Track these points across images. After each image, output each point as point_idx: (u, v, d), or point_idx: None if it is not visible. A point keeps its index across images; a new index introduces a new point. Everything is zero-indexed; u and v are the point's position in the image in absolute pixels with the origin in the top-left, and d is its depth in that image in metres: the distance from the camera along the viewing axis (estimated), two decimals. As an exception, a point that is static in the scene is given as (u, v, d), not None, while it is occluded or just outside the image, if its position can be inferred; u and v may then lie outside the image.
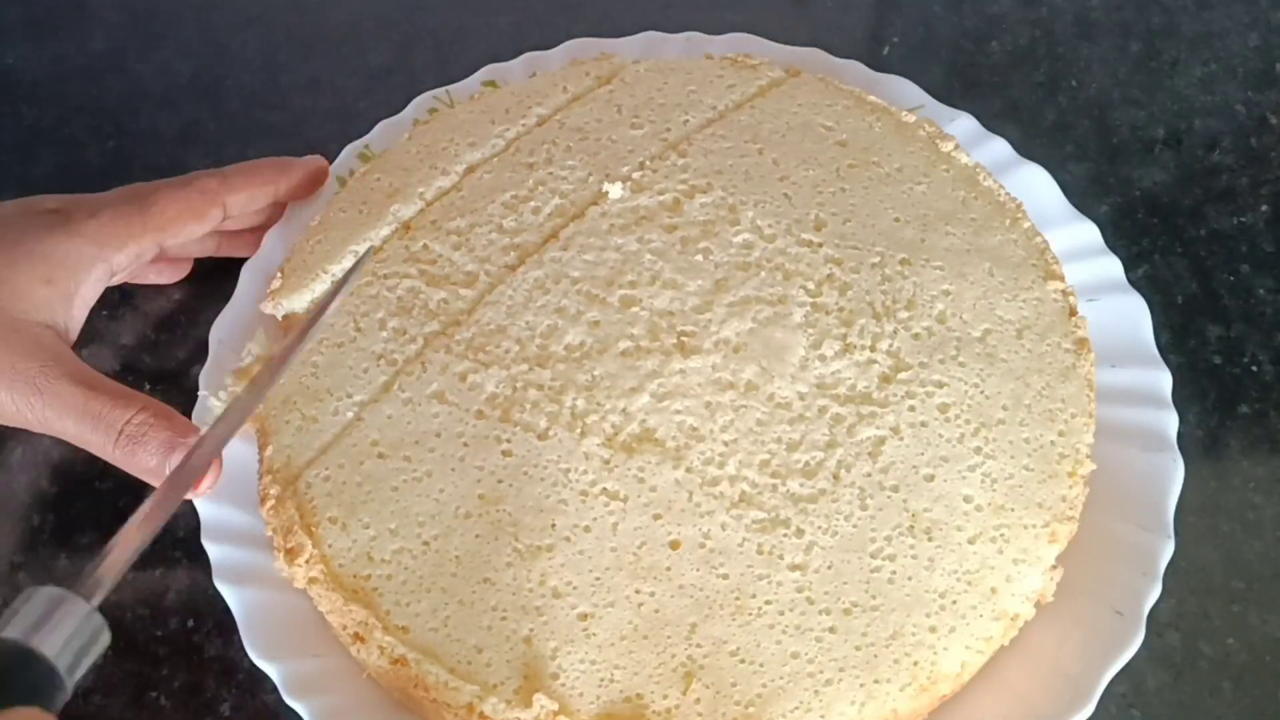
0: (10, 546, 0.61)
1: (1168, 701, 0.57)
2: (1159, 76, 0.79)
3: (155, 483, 0.56)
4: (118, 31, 0.83)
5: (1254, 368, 0.67)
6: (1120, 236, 0.71)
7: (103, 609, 0.60)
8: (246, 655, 0.54)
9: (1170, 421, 0.58)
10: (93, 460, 0.60)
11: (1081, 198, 0.72)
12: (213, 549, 0.56)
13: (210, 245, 0.68)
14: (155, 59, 0.82)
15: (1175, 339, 0.68)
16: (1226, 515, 0.61)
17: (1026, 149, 0.67)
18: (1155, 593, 0.53)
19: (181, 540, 0.61)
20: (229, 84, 0.80)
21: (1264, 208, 0.73)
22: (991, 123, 0.68)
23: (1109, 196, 0.73)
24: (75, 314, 0.60)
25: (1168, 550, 0.54)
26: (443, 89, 0.70)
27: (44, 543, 0.62)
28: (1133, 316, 0.62)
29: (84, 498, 0.62)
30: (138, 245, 0.61)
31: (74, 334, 0.60)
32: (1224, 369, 0.67)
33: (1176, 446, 0.57)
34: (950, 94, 0.73)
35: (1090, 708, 0.51)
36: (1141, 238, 0.72)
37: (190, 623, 0.59)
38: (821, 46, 0.71)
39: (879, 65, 0.70)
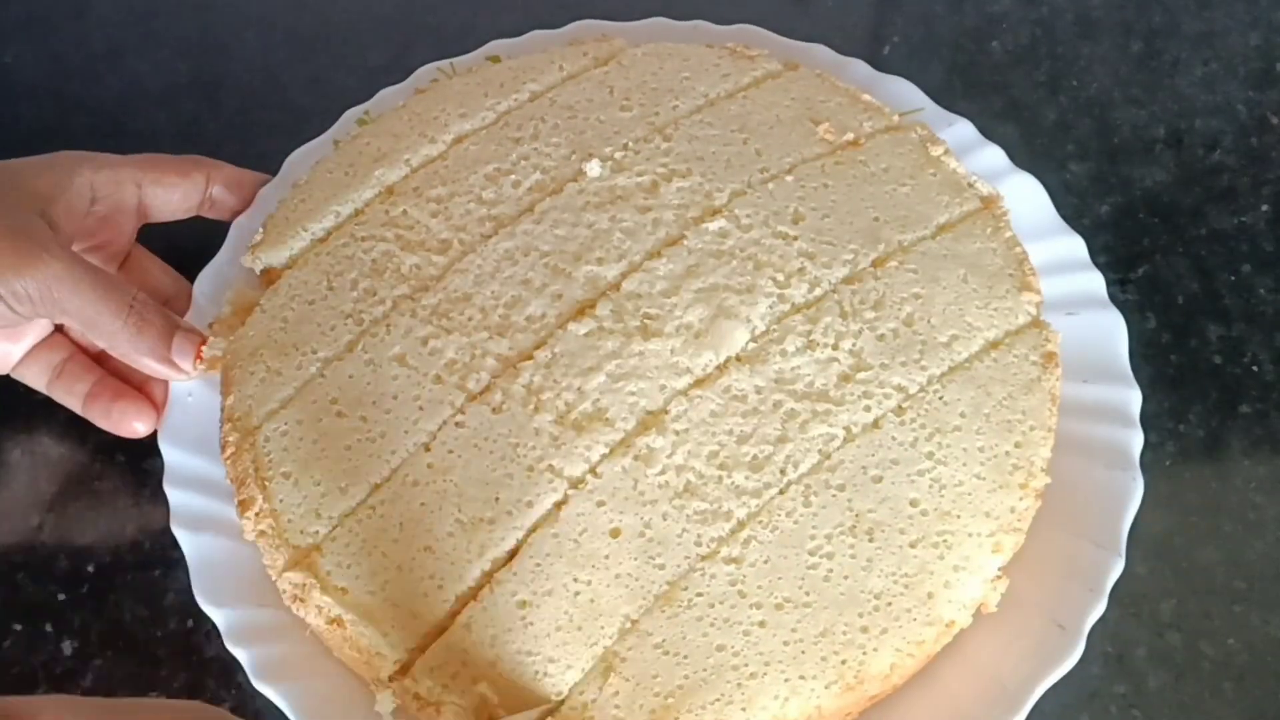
0: (10, 546, 0.61)
1: (1169, 702, 0.57)
2: (1160, 76, 0.79)
3: (152, 367, 0.58)
4: (117, 31, 0.83)
5: (1255, 367, 0.67)
6: (1121, 236, 0.71)
7: (102, 607, 0.60)
8: (246, 655, 0.54)
9: (1135, 440, 0.57)
10: (92, 460, 0.60)
11: (1082, 197, 0.72)
12: (173, 494, 0.57)
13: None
14: (155, 58, 0.81)
15: (1176, 339, 0.68)
16: (1228, 515, 0.61)
17: (1027, 148, 0.67)
18: (1099, 609, 0.53)
19: (181, 540, 0.61)
20: (229, 84, 0.80)
21: (1265, 207, 0.73)
22: (992, 122, 0.68)
23: (1110, 196, 0.73)
24: (63, 211, 0.59)
25: (1117, 568, 0.54)
26: (447, 60, 0.71)
27: (44, 543, 0.61)
28: (1109, 333, 0.61)
29: (84, 498, 0.62)
30: (113, 172, 0.62)
31: (66, 231, 0.60)
32: (1225, 369, 0.67)
33: (1139, 466, 0.57)
34: (951, 93, 0.73)
35: (1019, 717, 0.51)
36: (1142, 237, 0.71)
37: (190, 623, 0.59)
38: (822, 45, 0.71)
39: (880, 64, 0.70)
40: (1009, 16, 0.82)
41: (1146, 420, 0.64)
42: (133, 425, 0.60)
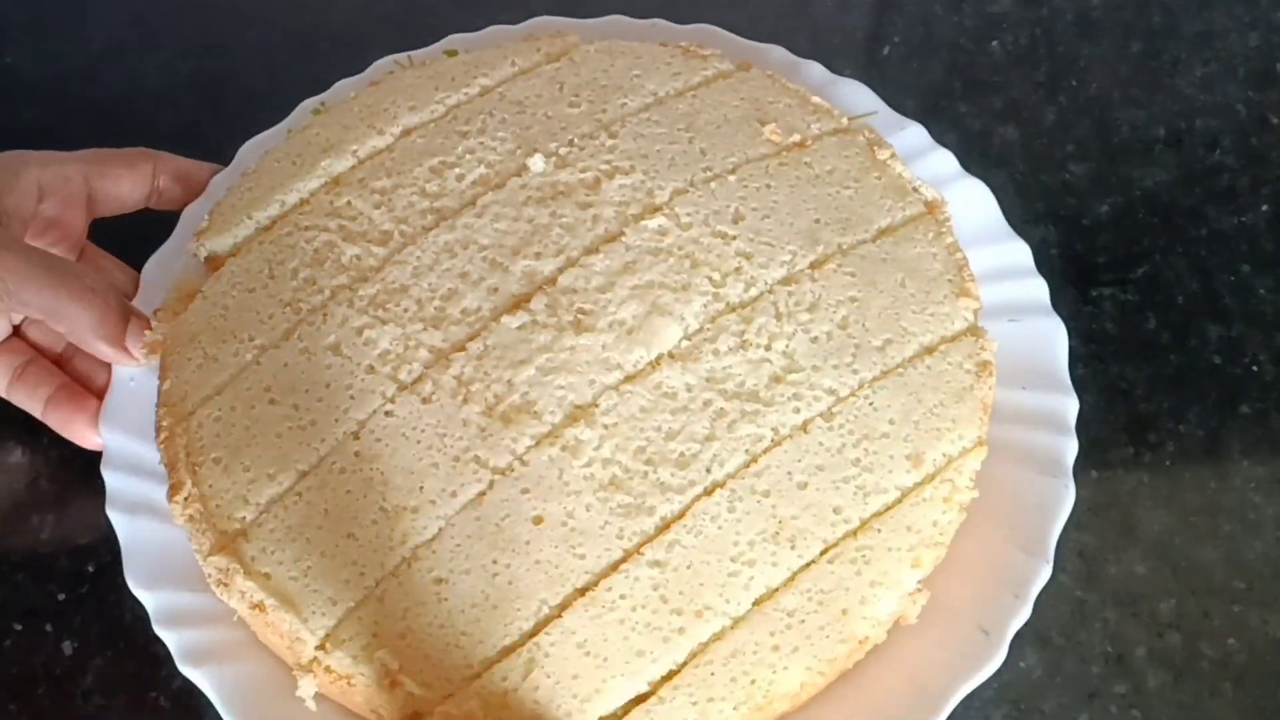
0: (10, 546, 0.61)
1: (1168, 702, 0.57)
2: (1159, 76, 0.79)
3: (105, 353, 0.59)
4: (117, 31, 0.83)
5: (1254, 367, 0.67)
6: (1121, 236, 0.71)
7: (102, 607, 0.60)
8: (246, 655, 0.54)
9: (1069, 448, 0.57)
10: (93, 460, 0.60)
11: (1082, 198, 0.72)
12: (111, 477, 0.57)
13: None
14: (155, 59, 0.81)
15: (1175, 339, 0.68)
16: (1227, 515, 0.61)
17: (1027, 148, 0.67)
18: (1023, 615, 0.53)
19: (181, 540, 0.61)
20: (229, 84, 0.80)
21: (1264, 207, 0.73)
22: (992, 122, 0.68)
23: (1109, 196, 0.73)
24: (7, 210, 0.61)
25: (1044, 575, 0.54)
26: (405, 54, 0.71)
27: (44, 542, 0.61)
28: (1050, 340, 0.61)
29: (84, 497, 0.62)
30: (61, 167, 0.63)
31: (14, 230, 0.61)
32: (1225, 369, 0.67)
33: (1071, 473, 0.57)
34: (951, 94, 0.73)
35: (940, 718, 0.51)
36: (1142, 237, 0.71)
37: (190, 623, 0.59)
38: (822, 46, 0.71)
39: (879, 65, 0.70)
40: (1009, 17, 0.82)
41: (1146, 420, 0.65)
42: (93, 439, 0.60)
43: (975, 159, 0.67)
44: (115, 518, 0.56)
